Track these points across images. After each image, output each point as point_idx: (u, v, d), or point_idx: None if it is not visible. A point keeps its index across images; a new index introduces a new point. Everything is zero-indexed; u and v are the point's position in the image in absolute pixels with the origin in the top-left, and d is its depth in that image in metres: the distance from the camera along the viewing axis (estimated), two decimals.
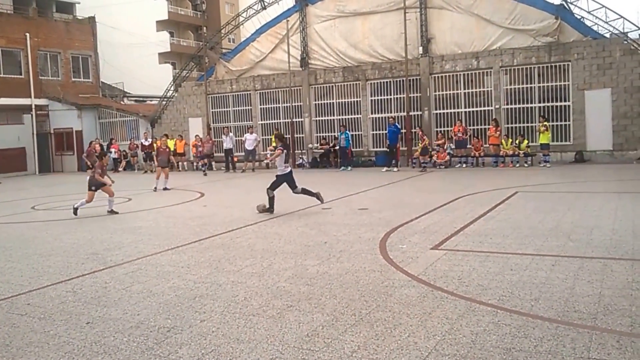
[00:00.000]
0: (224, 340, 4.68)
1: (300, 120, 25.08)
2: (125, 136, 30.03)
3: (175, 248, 8.55)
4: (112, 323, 5.25)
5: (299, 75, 24.88)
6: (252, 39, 26.81)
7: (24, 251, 8.89)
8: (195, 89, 27.93)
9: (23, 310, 5.79)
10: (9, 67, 30.09)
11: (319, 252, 7.72)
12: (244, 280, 6.48)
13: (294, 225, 10.04)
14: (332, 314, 5.16)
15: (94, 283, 6.72)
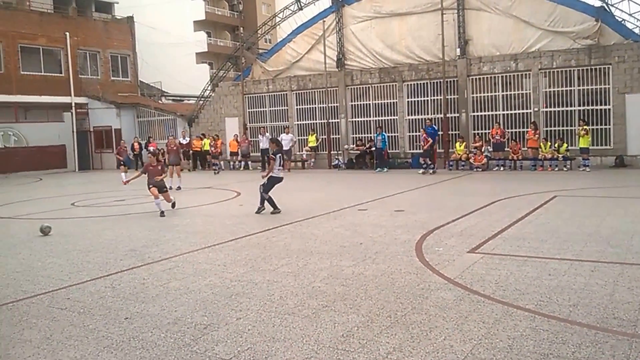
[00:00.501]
0: (260, 338, 4.70)
1: (337, 121, 25.06)
2: (163, 135, 30.50)
3: (211, 246, 8.63)
4: (150, 319, 5.33)
5: (335, 76, 24.88)
6: (288, 40, 26.91)
7: (65, 247, 9.10)
8: (232, 89, 28.19)
9: (63, 305, 5.92)
10: (49, 65, 30.88)
11: (354, 253, 7.69)
12: (280, 279, 6.50)
13: (330, 225, 10.03)
14: (368, 315, 5.13)
15: (132, 279, 6.83)
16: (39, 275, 7.26)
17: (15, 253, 8.72)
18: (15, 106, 28.70)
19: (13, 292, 6.49)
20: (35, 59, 30.17)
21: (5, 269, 7.62)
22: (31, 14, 30.45)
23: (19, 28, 29.03)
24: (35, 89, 29.43)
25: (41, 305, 5.95)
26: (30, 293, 6.41)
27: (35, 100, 29.55)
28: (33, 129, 28.90)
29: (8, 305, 5.98)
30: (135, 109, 31.75)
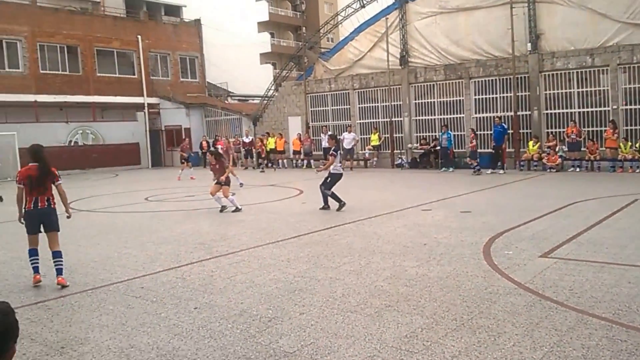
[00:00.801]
0: (323, 334, 4.77)
1: (400, 120, 24.84)
2: (229, 134, 31.21)
3: (275, 242, 8.79)
4: (218, 310, 5.51)
5: (398, 73, 24.66)
6: (350, 38, 26.88)
7: (139, 239, 9.51)
8: (295, 88, 28.48)
9: (137, 293, 6.21)
10: (123, 67, 32.22)
11: (418, 254, 7.63)
12: (342, 277, 6.55)
13: (393, 225, 9.99)
14: (432, 317, 5.09)
15: (202, 271, 7.07)
16: (115, 265, 7.64)
17: (94, 244, 9.19)
18: (93, 106, 30.14)
19: (92, 280, 6.87)
20: (110, 61, 31.59)
21: (85, 259, 8.06)
22: (106, 19, 31.89)
23: (95, 32, 30.48)
24: (111, 90, 30.84)
25: (117, 293, 6.27)
26: (107, 281, 6.76)
27: (111, 101, 30.97)
28: (109, 127, 30.22)
29: (87, 292, 6.34)
30: (203, 108, 32.63)
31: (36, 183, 6.72)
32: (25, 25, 27.73)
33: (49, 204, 6.81)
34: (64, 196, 7.13)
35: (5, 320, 2.05)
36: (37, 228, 6.83)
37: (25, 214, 6.80)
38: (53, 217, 6.86)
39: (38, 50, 28.37)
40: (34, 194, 6.72)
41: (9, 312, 2.08)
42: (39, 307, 5.82)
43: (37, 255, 6.85)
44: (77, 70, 29.99)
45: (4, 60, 27.38)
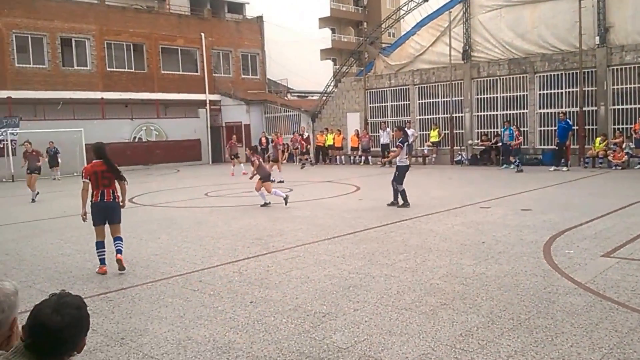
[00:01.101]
0: (376, 330, 4.76)
1: (461, 116, 24.38)
2: (288, 130, 31.52)
3: (331, 238, 8.82)
4: (273, 304, 5.58)
5: (460, 68, 24.19)
6: (412, 33, 26.57)
7: (198, 233, 9.75)
8: (354, 84, 28.42)
9: (195, 287, 6.36)
10: (186, 65, 33.06)
11: (475, 252, 7.49)
12: (397, 274, 6.50)
13: (450, 223, 9.83)
14: (488, 316, 5.00)
15: (258, 266, 7.18)
16: (174, 258, 7.86)
17: (155, 238, 9.49)
18: (157, 103, 31.08)
19: (152, 272, 7.10)
20: (174, 59, 32.48)
21: (146, 252, 8.33)
22: (170, 17, 32.76)
23: (160, 30, 31.39)
24: (174, 87, 31.74)
25: (176, 286, 6.45)
26: (167, 274, 6.97)
27: (174, 98, 31.85)
28: (172, 124, 31.10)
29: (147, 284, 6.55)
30: (263, 105, 33.06)
31: (102, 178, 7.13)
32: (94, 24, 28.87)
33: (114, 198, 7.24)
34: (124, 190, 7.55)
35: (78, 313, 2.11)
36: (103, 219, 7.23)
37: (93, 206, 7.20)
38: (117, 210, 7.31)
39: (105, 49, 29.47)
40: (100, 188, 7.13)
41: (82, 306, 2.15)
42: (101, 299, 6.05)
43: (104, 247, 7.22)
44: (142, 68, 31.00)
45: (73, 58, 28.60)
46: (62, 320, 2.05)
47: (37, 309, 2.10)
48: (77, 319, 2.11)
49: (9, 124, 24.33)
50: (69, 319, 2.07)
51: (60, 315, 2.06)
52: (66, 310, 2.08)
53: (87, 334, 2.18)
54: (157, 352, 4.51)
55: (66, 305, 2.10)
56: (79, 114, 27.37)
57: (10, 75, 26.20)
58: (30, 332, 2.07)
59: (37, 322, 2.06)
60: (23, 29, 26.59)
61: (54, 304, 2.09)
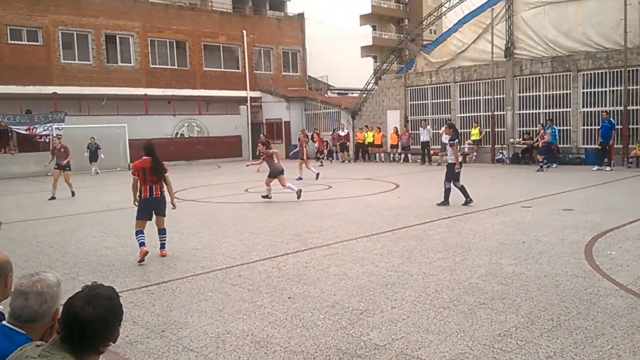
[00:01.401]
0: (414, 329, 4.76)
1: (502, 114, 23.98)
2: (328, 127, 31.57)
3: (369, 236, 8.83)
4: (311, 300, 5.63)
5: (502, 66, 23.79)
6: (454, 30, 26.25)
7: (238, 228, 9.89)
8: (395, 82, 28.26)
9: (235, 281, 6.47)
10: (228, 62, 33.46)
11: (516, 252, 7.39)
12: (436, 273, 6.48)
13: (490, 222, 9.71)
14: (527, 317, 4.94)
15: (296, 262, 7.25)
16: (215, 253, 8.01)
17: (196, 232, 9.67)
18: (199, 99, 31.57)
19: (193, 267, 7.25)
20: (216, 56, 32.92)
21: (187, 246, 8.51)
22: (213, 14, 33.17)
23: (202, 27, 31.84)
24: (216, 84, 32.17)
25: (216, 280, 6.57)
26: (207, 269, 7.10)
27: (216, 94, 32.29)
28: (213, 120, 31.50)
29: (188, 278, 6.70)
30: (303, 102, 33.19)
31: (150, 174, 7.50)
32: (138, 21, 29.48)
33: (161, 193, 7.64)
34: (170, 187, 7.88)
35: (110, 304, 2.16)
36: (149, 215, 7.63)
37: (141, 202, 7.58)
38: (163, 204, 7.72)
39: (149, 45, 30.07)
40: (148, 184, 7.50)
41: (113, 297, 2.19)
42: (143, 292, 6.21)
43: (144, 233, 7.58)
44: (185, 64, 31.51)
45: (117, 55, 29.29)
46: (94, 311, 2.09)
47: (69, 302, 2.15)
48: (110, 309, 2.15)
49: (55, 119, 25.13)
50: (101, 310, 2.11)
51: (92, 307, 2.10)
52: (98, 302, 2.12)
53: (121, 323, 2.22)
54: (197, 345, 4.61)
55: (98, 296, 2.14)
56: (123, 110, 28.00)
57: (56, 72, 27.03)
58: (64, 324, 2.12)
59: (69, 314, 2.11)
60: (69, 25, 27.37)
61: (86, 296, 2.14)
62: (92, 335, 2.11)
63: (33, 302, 2.45)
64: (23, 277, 2.53)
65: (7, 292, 2.91)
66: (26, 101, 26.10)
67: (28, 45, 26.43)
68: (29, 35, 26.50)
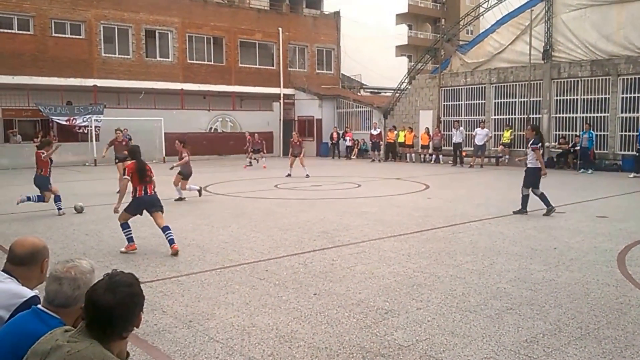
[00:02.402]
0: (439, 331, 4.74)
1: (538, 117, 23.58)
2: (359, 126, 31.53)
3: (397, 236, 8.80)
4: (336, 297, 5.66)
5: (539, 68, 23.39)
6: (491, 30, 25.91)
7: (266, 224, 9.97)
8: (429, 82, 28.05)
9: (262, 275, 6.54)
10: (263, 59, 33.68)
11: (546, 258, 7.28)
12: (463, 275, 6.43)
13: (522, 226, 9.59)
14: (555, 324, 4.87)
15: (323, 259, 7.28)
16: (243, 247, 8.10)
17: (225, 226, 9.79)
18: (233, 95, 31.89)
19: (221, 259, 7.35)
20: (252, 52, 33.17)
21: (216, 239, 8.62)
22: (250, 11, 33.44)
23: (240, 24, 32.13)
24: (250, 81, 32.44)
25: (243, 273, 6.65)
26: (235, 262, 7.19)
27: (250, 91, 32.56)
28: (246, 116, 31.78)
29: (217, 270, 6.79)
30: (336, 100, 33.20)
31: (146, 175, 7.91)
32: (177, 16, 29.94)
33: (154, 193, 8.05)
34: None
35: (130, 290, 2.22)
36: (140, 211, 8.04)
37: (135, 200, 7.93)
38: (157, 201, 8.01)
39: (187, 41, 30.51)
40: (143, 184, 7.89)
41: (133, 283, 2.25)
42: (172, 282, 6.32)
43: (130, 227, 7.98)
44: (221, 60, 31.84)
45: (156, 50, 29.80)
46: (114, 298, 2.15)
47: (91, 290, 2.21)
48: (129, 295, 2.20)
49: (94, 110, 25.72)
50: (121, 296, 2.17)
51: (113, 293, 2.16)
52: (118, 289, 2.18)
53: (142, 309, 2.27)
54: (223, 336, 4.68)
55: (118, 283, 2.20)
56: (159, 104, 28.45)
57: (97, 65, 27.64)
58: (86, 311, 2.19)
59: (91, 301, 2.17)
60: (110, 20, 27.96)
61: (106, 284, 2.20)
62: (113, 321, 2.17)
63: (66, 287, 2.53)
64: (58, 263, 2.62)
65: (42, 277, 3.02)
66: (67, 93, 26.79)
67: (71, 38, 27.09)
68: (72, 28, 27.16)
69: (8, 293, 2.81)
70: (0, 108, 25.69)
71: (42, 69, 25.89)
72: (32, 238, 3.10)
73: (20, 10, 25.56)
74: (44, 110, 24.93)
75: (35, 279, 3.02)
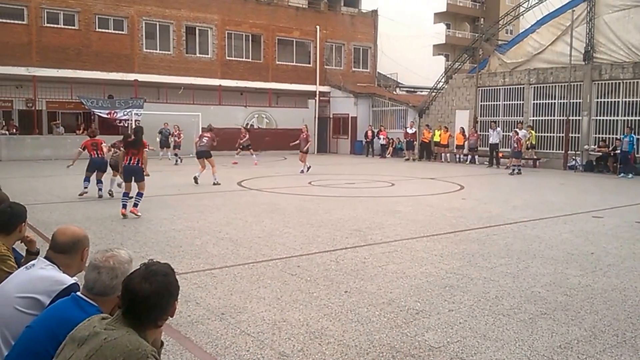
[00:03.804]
0: (470, 333, 4.70)
1: (578, 119, 23.08)
2: (394, 124, 31.37)
3: (430, 236, 8.74)
4: (367, 296, 5.66)
5: (580, 69, 22.88)
6: (531, 30, 25.46)
7: (299, 220, 10.03)
8: (466, 81, 27.71)
9: (293, 271, 6.58)
10: (300, 56, 33.82)
11: (583, 263, 7.14)
12: (497, 278, 6.35)
13: (559, 230, 9.41)
14: (591, 330, 4.78)
15: (354, 257, 7.29)
16: (275, 242, 8.16)
17: (259, 221, 9.88)
18: (269, 92, 32.11)
19: (254, 254, 7.42)
20: (289, 50, 33.36)
21: (250, 234, 8.71)
22: (288, 9, 33.60)
23: (277, 22, 32.35)
24: (287, 78, 32.63)
25: (275, 268, 6.71)
26: (268, 257, 7.26)
27: (286, 88, 32.77)
28: (282, 113, 31.94)
29: (249, 264, 6.87)
30: (371, 98, 33.11)
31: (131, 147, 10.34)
32: (217, 14, 30.33)
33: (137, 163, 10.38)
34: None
35: (166, 280, 2.28)
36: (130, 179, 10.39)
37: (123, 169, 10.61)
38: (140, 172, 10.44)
39: (226, 38, 30.87)
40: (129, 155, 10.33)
41: (169, 273, 2.31)
42: (206, 274, 6.42)
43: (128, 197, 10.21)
44: (259, 58, 32.10)
45: (196, 46, 30.25)
46: (150, 287, 2.21)
47: (128, 278, 2.28)
48: (165, 285, 2.26)
49: (134, 104, 26.24)
50: (156, 285, 2.23)
51: (149, 282, 2.22)
52: (154, 278, 2.24)
53: (177, 299, 2.32)
54: (254, 330, 4.73)
55: (154, 272, 2.26)
56: (198, 99, 28.85)
57: (138, 60, 28.20)
58: (123, 300, 2.25)
59: (128, 290, 2.24)
60: (152, 16, 28.50)
61: (143, 273, 2.26)
62: (149, 309, 2.23)
63: (105, 276, 2.61)
64: (98, 252, 2.70)
65: (82, 266, 3.11)
66: (109, 86, 27.40)
67: (114, 33, 27.74)
68: (115, 24, 27.80)
69: (50, 280, 2.91)
70: (44, 100, 26.45)
71: (85, 63, 26.57)
72: (73, 227, 3.20)
73: (66, 6, 26.29)
74: (86, 103, 25.56)
75: (75, 267, 3.12)
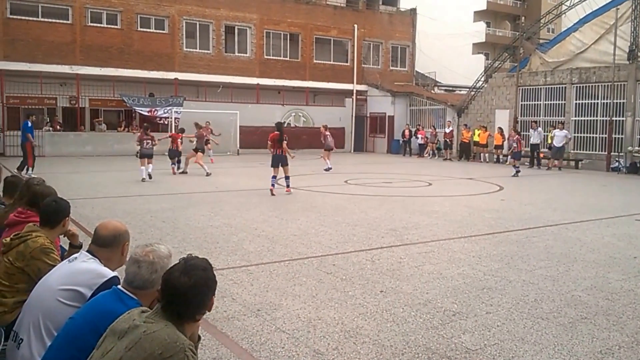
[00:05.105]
0: (508, 336, 4.62)
1: (621, 120, 22.43)
2: (432, 124, 31.06)
3: (468, 237, 8.63)
4: (403, 296, 5.63)
5: (624, 69, 22.21)
6: (573, 29, 24.87)
7: (335, 219, 10.03)
8: (506, 80, 27.23)
9: (329, 270, 6.59)
10: (337, 55, 33.80)
11: (625, 267, 6.94)
12: (536, 281, 6.23)
13: (601, 233, 9.16)
14: (633, 336, 4.65)
15: (390, 257, 7.25)
16: (311, 240, 8.18)
17: (295, 219, 9.93)
18: (307, 91, 32.20)
19: (290, 252, 7.46)
20: (326, 49, 33.38)
21: (286, 232, 8.76)
22: (327, 8, 33.62)
23: (315, 21, 32.40)
24: (324, 76, 32.66)
25: (311, 266, 6.73)
26: (303, 255, 7.29)
27: (323, 87, 32.81)
28: (319, 111, 31.96)
29: (285, 262, 6.91)
30: (409, 97, 32.84)
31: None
32: (255, 13, 30.59)
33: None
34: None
35: (204, 274, 2.32)
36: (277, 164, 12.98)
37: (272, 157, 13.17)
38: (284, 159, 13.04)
39: (264, 37, 31.09)
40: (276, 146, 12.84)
41: (208, 268, 2.35)
42: (242, 271, 6.48)
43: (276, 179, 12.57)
44: (297, 56, 32.23)
45: (235, 45, 30.55)
46: (189, 281, 2.25)
47: (167, 273, 2.32)
48: (204, 279, 2.30)
49: (174, 102, 26.71)
50: (195, 279, 2.27)
51: (188, 276, 2.26)
52: (193, 272, 2.28)
53: (215, 293, 2.35)
54: (289, 327, 4.76)
55: (193, 267, 2.30)
56: (236, 98, 29.13)
57: (178, 59, 28.66)
58: (163, 293, 2.30)
59: (167, 284, 2.28)
60: (192, 16, 28.93)
61: (182, 267, 2.30)
62: (188, 303, 2.28)
63: (144, 270, 2.66)
64: (138, 247, 2.76)
65: (123, 259, 3.18)
66: (150, 85, 27.94)
67: (155, 33, 28.25)
68: (157, 23, 28.32)
69: (91, 273, 2.99)
70: (87, 98, 27.10)
71: (127, 61, 27.14)
72: (115, 222, 3.28)
73: (109, 5, 26.90)
74: (127, 101, 26.15)
75: (116, 261, 3.19)
